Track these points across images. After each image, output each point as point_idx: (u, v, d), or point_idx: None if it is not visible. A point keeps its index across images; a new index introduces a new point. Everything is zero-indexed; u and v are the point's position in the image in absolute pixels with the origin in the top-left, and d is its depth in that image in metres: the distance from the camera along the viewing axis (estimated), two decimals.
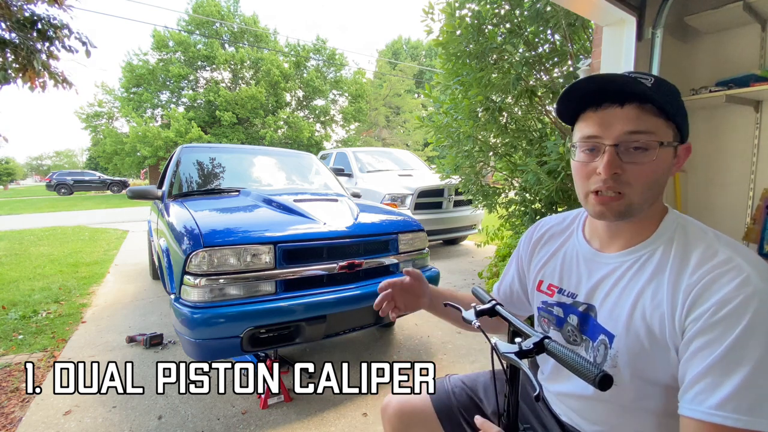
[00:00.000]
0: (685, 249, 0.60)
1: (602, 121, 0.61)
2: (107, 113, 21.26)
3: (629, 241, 0.67)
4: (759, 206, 2.09)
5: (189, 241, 1.69)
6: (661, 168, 0.60)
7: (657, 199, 0.64)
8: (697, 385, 0.51)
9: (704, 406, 0.50)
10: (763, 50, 2.04)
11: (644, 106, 0.59)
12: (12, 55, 3.30)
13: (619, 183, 0.60)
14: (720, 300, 0.52)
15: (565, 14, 2.60)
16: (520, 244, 0.90)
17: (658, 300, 0.59)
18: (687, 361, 0.54)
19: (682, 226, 0.64)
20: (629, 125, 0.59)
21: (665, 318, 0.58)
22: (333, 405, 1.83)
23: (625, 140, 0.59)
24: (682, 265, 0.59)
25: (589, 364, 0.50)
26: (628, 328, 0.62)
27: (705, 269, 0.55)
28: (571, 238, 0.78)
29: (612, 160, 0.59)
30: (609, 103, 0.61)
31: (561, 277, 0.77)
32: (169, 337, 2.53)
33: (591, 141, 0.62)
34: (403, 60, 30.70)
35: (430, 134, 3.56)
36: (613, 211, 0.62)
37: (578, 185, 0.67)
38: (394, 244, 2.14)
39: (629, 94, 0.59)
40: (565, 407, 0.76)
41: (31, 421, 1.71)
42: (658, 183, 0.61)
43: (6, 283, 3.89)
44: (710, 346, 0.51)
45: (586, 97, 0.63)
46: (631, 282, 0.64)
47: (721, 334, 0.51)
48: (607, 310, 0.66)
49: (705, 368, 0.51)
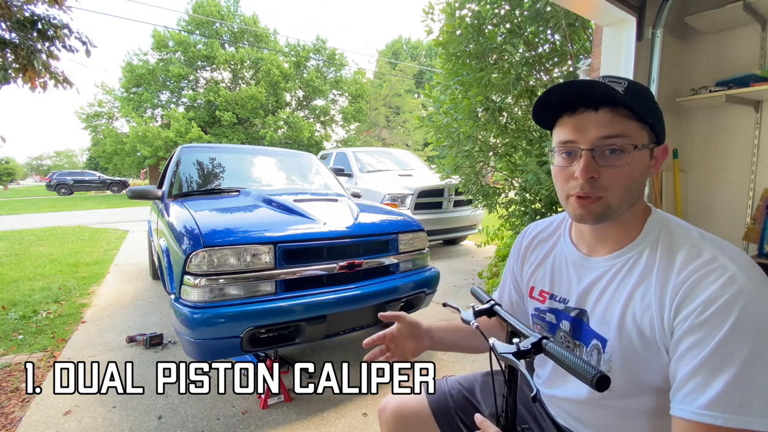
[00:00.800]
0: (670, 249, 0.61)
1: (578, 126, 0.62)
2: (107, 113, 21.28)
3: (616, 244, 0.67)
4: (759, 206, 2.09)
5: (189, 241, 1.69)
6: (637, 170, 0.61)
7: (637, 201, 0.65)
8: (687, 385, 0.52)
9: (694, 406, 0.50)
10: (763, 50, 2.04)
11: (617, 109, 0.60)
12: (12, 55, 3.30)
13: (596, 187, 0.61)
14: (705, 300, 0.52)
15: (565, 14, 2.60)
16: (511, 254, 0.90)
17: (647, 302, 0.60)
18: (677, 361, 0.54)
19: (666, 227, 0.64)
20: (603, 130, 0.60)
21: (654, 320, 0.58)
22: (333, 405, 1.83)
23: (600, 144, 0.60)
24: (668, 266, 0.59)
25: (587, 364, 0.50)
26: (620, 332, 0.62)
27: (690, 269, 0.56)
28: (559, 243, 0.78)
29: (588, 164, 0.60)
30: (584, 108, 0.62)
31: (552, 283, 0.77)
32: (169, 337, 2.53)
33: (568, 145, 0.63)
34: (403, 60, 30.70)
35: (430, 134, 3.56)
36: (592, 214, 0.63)
37: (558, 189, 0.68)
38: (394, 244, 2.14)
39: (603, 99, 0.60)
40: (562, 411, 0.76)
41: (31, 421, 1.71)
42: (636, 185, 0.62)
43: (6, 283, 3.90)
44: (698, 346, 0.52)
45: (562, 102, 0.64)
46: (620, 286, 0.64)
47: (708, 333, 0.51)
48: (599, 315, 0.66)
49: (694, 368, 0.51)
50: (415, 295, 2.13)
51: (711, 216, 2.29)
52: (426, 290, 2.19)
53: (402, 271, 2.15)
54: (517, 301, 0.90)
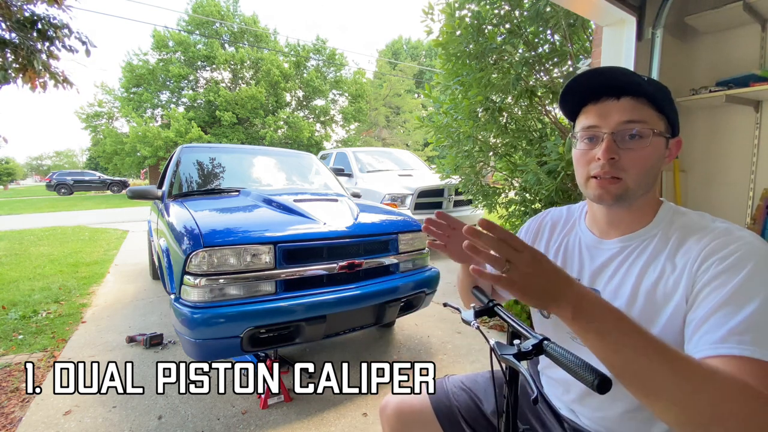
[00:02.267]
0: (684, 230, 0.64)
1: (601, 113, 0.66)
2: (107, 113, 21.28)
3: (628, 228, 0.70)
4: (759, 206, 2.09)
5: (189, 241, 1.69)
6: (655, 155, 0.65)
7: (651, 189, 0.68)
8: (703, 327, 0.53)
9: (709, 343, 0.51)
10: (763, 50, 2.04)
11: (638, 98, 0.64)
12: (12, 55, 3.30)
13: (616, 168, 0.64)
14: (726, 253, 0.56)
15: (565, 14, 2.60)
16: (522, 230, 0.91)
17: (659, 272, 0.63)
18: (694, 308, 0.56)
19: (678, 212, 0.68)
20: (625, 115, 0.64)
21: (669, 283, 0.61)
22: (333, 405, 1.83)
23: (622, 129, 0.64)
24: (682, 242, 0.62)
25: (588, 367, 0.49)
26: (632, 304, 0.64)
27: (708, 239, 0.60)
28: (574, 229, 0.81)
29: (610, 146, 0.64)
30: (606, 97, 0.66)
31: (563, 264, 0.79)
32: (169, 337, 2.53)
33: (591, 131, 0.67)
34: (403, 60, 30.69)
35: (430, 134, 3.56)
36: (611, 194, 0.66)
37: (578, 172, 0.71)
38: (394, 244, 2.14)
39: (625, 87, 0.64)
40: (566, 398, 0.76)
41: (31, 421, 1.71)
42: (653, 170, 0.65)
43: (6, 283, 3.89)
44: (716, 290, 0.54)
45: (585, 93, 0.68)
46: (633, 264, 0.67)
47: (726, 280, 0.54)
48: (611, 292, 0.68)
49: (710, 310, 0.53)
50: (415, 295, 2.13)
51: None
52: (426, 290, 2.19)
53: (402, 271, 2.15)
54: None
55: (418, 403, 0.89)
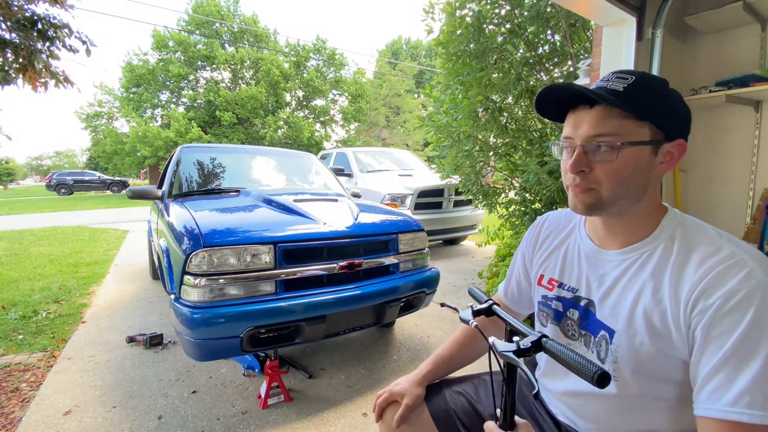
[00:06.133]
0: (688, 246, 0.61)
1: (575, 123, 0.65)
2: (107, 113, 21.28)
3: (627, 238, 0.68)
4: (759, 206, 2.09)
5: (189, 241, 1.69)
6: (630, 166, 0.61)
7: (640, 197, 0.65)
8: (710, 383, 0.52)
9: (719, 405, 0.50)
10: (763, 50, 2.04)
11: (612, 107, 0.61)
12: (12, 55, 3.30)
13: (588, 180, 0.64)
14: (726, 293, 0.53)
15: (565, 14, 2.60)
16: (524, 240, 0.91)
17: (659, 296, 0.60)
18: (696, 357, 0.55)
19: (682, 225, 0.65)
20: (593, 129, 0.62)
21: (667, 313, 0.59)
22: (333, 405, 1.83)
23: (591, 141, 0.63)
24: (684, 262, 0.60)
25: (587, 362, 0.50)
26: (629, 324, 0.63)
27: (709, 264, 0.57)
28: (574, 234, 0.80)
29: (578, 160, 0.64)
30: (582, 105, 0.65)
31: (562, 272, 0.78)
32: (169, 337, 2.53)
33: (566, 141, 0.67)
34: (403, 60, 30.70)
35: (430, 134, 3.56)
36: (583, 204, 0.66)
37: (563, 180, 0.71)
38: (394, 244, 2.14)
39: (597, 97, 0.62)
40: (563, 405, 0.76)
41: (31, 421, 1.71)
42: (630, 180, 0.62)
43: (6, 283, 3.90)
44: (718, 340, 0.52)
45: (563, 101, 0.67)
46: (632, 279, 0.65)
47: (729, 328, 0.52)
48: (609, 307, 0.67)
49: (716, 365, 0.52)
50: (415, 295, 2.13)
51: (711, 216, 2.29)
52: (426, 290, 2.19)
53: (402, 271, 2.15)
54: (525, 287, 0.90)
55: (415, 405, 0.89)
